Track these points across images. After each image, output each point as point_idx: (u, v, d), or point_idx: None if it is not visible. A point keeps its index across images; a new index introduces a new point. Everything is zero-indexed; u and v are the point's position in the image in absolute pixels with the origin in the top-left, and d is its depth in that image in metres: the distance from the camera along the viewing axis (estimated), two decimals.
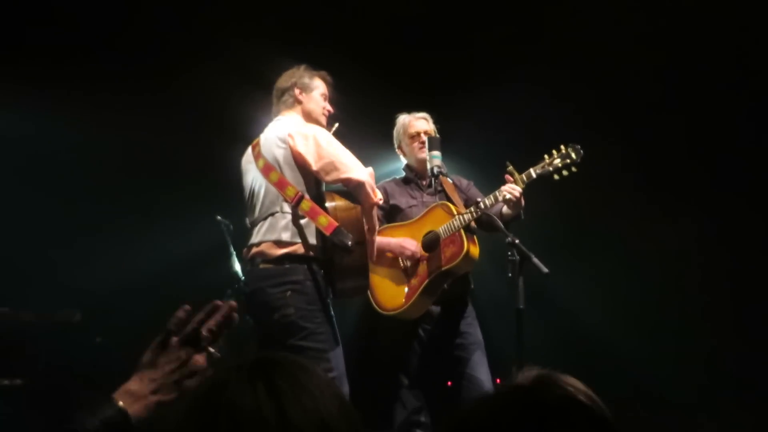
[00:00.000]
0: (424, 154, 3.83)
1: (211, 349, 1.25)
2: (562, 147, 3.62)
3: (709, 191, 5.17)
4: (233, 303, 1.25)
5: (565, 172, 3.59)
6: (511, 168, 3.62)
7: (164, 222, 5.15)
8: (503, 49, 5.11)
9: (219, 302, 1.26)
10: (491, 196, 3.62)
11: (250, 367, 0.92)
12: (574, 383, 0.93)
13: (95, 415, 1.13)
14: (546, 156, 3.63)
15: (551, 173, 3.60)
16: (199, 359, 1.23)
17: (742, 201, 5.08)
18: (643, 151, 5.33)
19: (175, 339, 1.23)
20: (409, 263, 3.80)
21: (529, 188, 3.65)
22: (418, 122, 4.03)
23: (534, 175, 3.62)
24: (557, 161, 3.59)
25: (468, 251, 3.58)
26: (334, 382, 0.96)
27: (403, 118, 4.09)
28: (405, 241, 3.78)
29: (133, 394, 1.19)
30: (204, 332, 1.24)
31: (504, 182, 3.62)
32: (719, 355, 5.03)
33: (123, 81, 5.04)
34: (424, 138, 3.88)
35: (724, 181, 5.14)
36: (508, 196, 3.57)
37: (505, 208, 3.70)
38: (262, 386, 0.89)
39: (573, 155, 3.59)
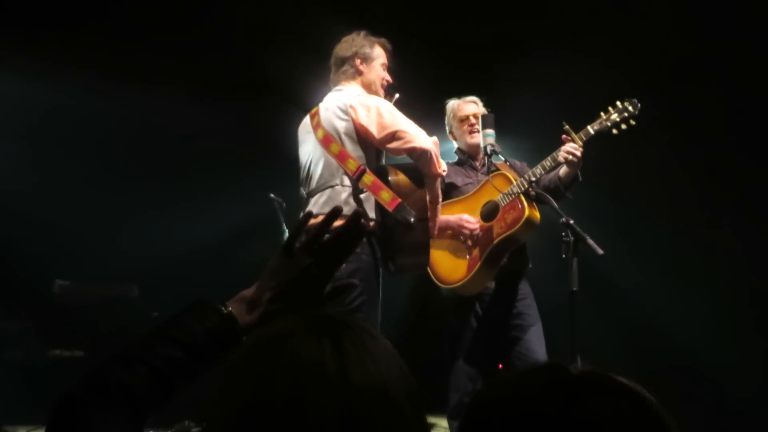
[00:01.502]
0: (475, 138, 3.82)
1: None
2: (618, 102, 3.56)
3: None
4: (360, 210, 1.21)
5: (624, 126, 3.52)
6: (567, 127, 3.56)
7: (219, 200, 5.22)
8: (555, 20, 5.01)
9: (340, 207, 1.22)
10: (549, 158, 3.58)
11: (319, 322, 0.91)
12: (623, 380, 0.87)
13: (200, 323, 1.10)
14: (602, 113, 3.57)
15: (609, 128, 3.54)
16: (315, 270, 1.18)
17: None
18: (717, 145, 5.12)
19: (297, 246, 1.19)
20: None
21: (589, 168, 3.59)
22: (468, 105, 4.00)
23: (592, 132, 3.55)
24: (614, 116, 3.53)
25: (529, 216, 3.56)
26: (397, 352, 0.93)
27: (452, 103, 4.06)
28: (463, 217, 3.71)
29: (247, 301, 1.16)
30: (326, 239, 1.19)
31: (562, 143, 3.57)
32: None
33: (179, 57, 5.11)
34: (474, 121, 3.87)
35: None
36: (570, 157, 3.51)
37: (563, 170, 3.64)
38: (329, 343, 0.88)
39: (630, 108, 3.52)
